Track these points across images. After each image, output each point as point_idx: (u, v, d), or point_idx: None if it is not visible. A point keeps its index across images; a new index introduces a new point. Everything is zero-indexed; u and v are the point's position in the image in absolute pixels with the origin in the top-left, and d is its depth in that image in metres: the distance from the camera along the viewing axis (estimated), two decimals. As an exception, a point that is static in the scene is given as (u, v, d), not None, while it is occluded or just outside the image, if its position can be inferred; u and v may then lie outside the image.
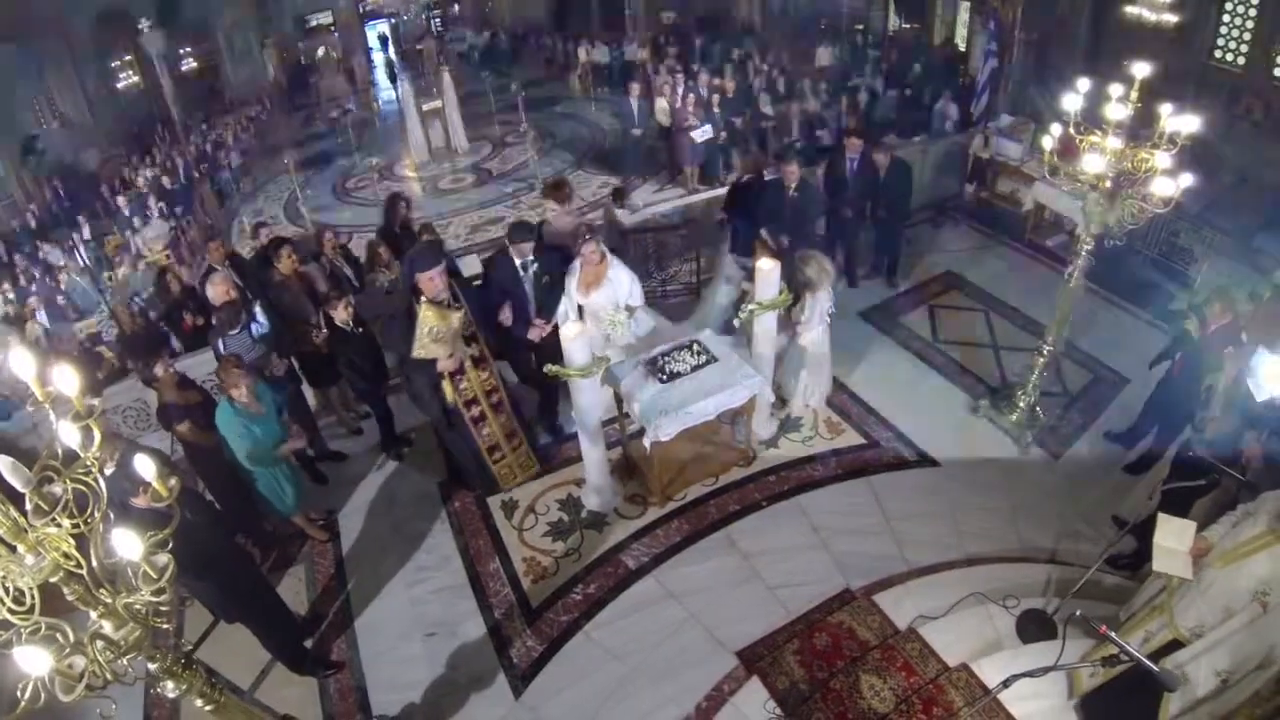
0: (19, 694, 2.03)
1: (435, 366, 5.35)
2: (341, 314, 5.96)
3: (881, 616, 5.00)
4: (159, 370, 5.53)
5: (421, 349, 5.21)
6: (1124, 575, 5.29)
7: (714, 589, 5.44)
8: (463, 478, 6.46)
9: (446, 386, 5.51)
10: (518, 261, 5.96)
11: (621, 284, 5.98)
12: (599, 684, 4.92)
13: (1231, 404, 4.74)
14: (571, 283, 6.05)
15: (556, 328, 5.98)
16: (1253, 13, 10.08)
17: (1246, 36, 10.25)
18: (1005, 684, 3.04)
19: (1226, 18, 10.46)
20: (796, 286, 6.17)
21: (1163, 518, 3.70)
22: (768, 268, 5.73)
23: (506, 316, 5.95)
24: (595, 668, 5.03)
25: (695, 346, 5.91)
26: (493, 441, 6.07)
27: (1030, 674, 2.97)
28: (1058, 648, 4.06)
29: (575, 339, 5.19)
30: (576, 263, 5.99)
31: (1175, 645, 3.55)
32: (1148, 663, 2.81)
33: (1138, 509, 5.26)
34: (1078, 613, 3.36)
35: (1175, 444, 5.52)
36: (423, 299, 5.17)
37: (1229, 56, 10.57)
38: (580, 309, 6.13)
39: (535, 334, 6.13)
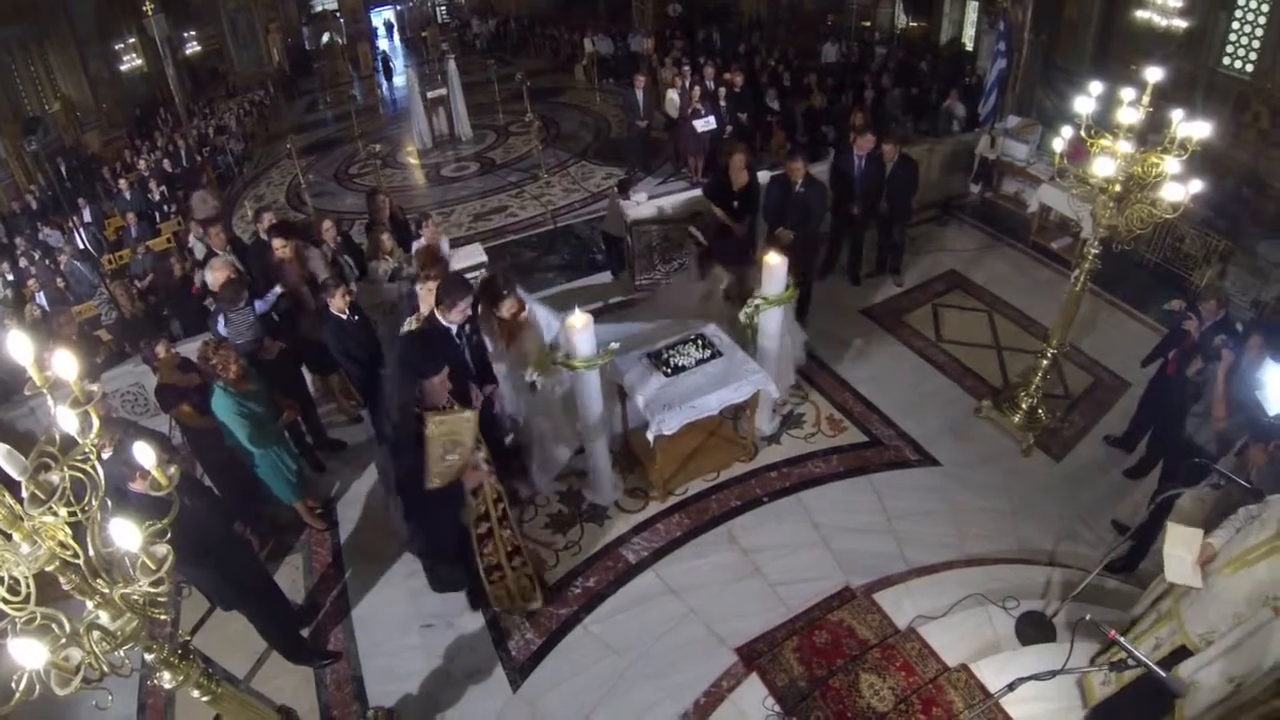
0: (14, 686, 2.00)
1: (463, 489, 4.34)
2: (338, 302, 5.89)
3: (881, 615, 4.98)
4: (160, 351, 5.50)
5: (437, 477, 4.13)
6: (1120, 578, 5.28)
7: (714, 585, 5.42)
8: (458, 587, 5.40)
9: (473, 504, 4.60)
10: (453, 329, 5.02)
11: (543, 324, 5.46)
12: (597, 678, 4.90)
13: (1238, 406, 4.71)
14: (488, 339, 5.56)
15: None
16: (1262, 20, 10.03)
17: (1255, 44, 10.19)
18: (1010, 687, 3.03)
19: (1236, 24, 10.39)
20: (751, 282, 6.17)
21: (1171, 526, 3.68)
22: (775, 263, 5.69)
23: (478, 399, 4.99)
24: (593, 662, 5.00)
25: (699, 340, 5.89)
26: (494, 560, 4.96)
27: (1037, 677, 2.95)
28: (1057, 650, 4.06)
29: (582, 330, 5.15)
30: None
31: (1184, 652, 3.53)
32: (1155, 668, 2.79)
33: (1136, 513, 5.25)
34: (1087, 617, 3.33)
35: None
36: (427, 415, 4.07)
37: (1237, 63, 10.51)
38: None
39: (500, 405, 5.64)
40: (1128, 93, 5.13)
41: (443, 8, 30.69)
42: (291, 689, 5.00)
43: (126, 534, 2.12)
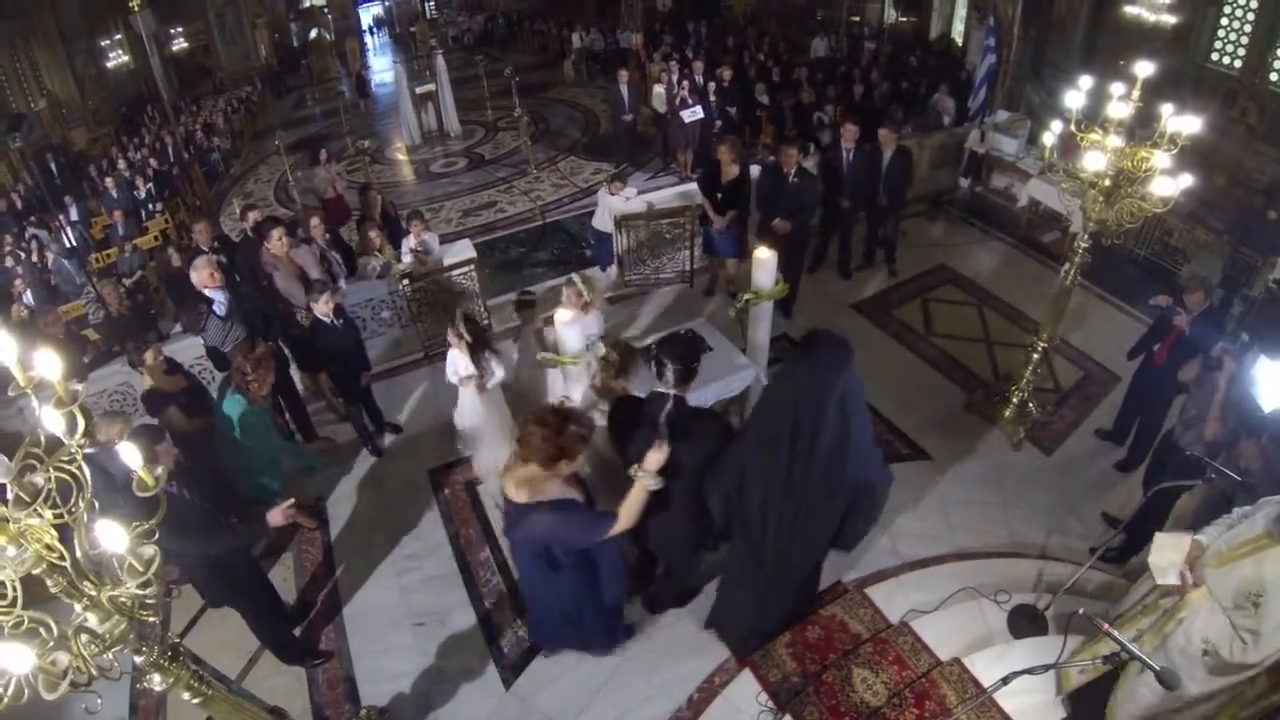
0: (0, 690, 1.97)
1: None
2: (322, 306, 5.86)
3: (873, 610, 4.99)
4: (148, 358, 5.45)
5: None
6: (1111, 569, 5.30)
7: (706, 580, 5.41)
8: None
9: None
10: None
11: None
12: (590, 675, 4.88)
13: (1233, 405, 4.72)
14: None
15: None
16: (1250, 16, 10.10)
17: (1244, 40, 10.26)
18: (1004, 681, 3.03)
19: (1224, 20, 10.47)
20: None
21: (1159, 536, 3.69)
22: (765, 257, 5.68)
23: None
24: (586, 658, 4.97)
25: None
26: None
27: (1031, 671, 2.96)
28: (1050, 643, 4.07)
29: (569, 324, 5.11)
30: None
31: None
32: (1148, 662, 2.80)
33: (1127, 506, 5.26)
34: (1080, 610, 3.34)
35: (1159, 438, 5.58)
36: None
37: (1225, 59, 10.58)
38: None
39: None
40: (1117, 87, 5.15)
41: (431, 4, 30.52)
42: (284, 690, 4.98)
43: (113, 536, 2.10)
